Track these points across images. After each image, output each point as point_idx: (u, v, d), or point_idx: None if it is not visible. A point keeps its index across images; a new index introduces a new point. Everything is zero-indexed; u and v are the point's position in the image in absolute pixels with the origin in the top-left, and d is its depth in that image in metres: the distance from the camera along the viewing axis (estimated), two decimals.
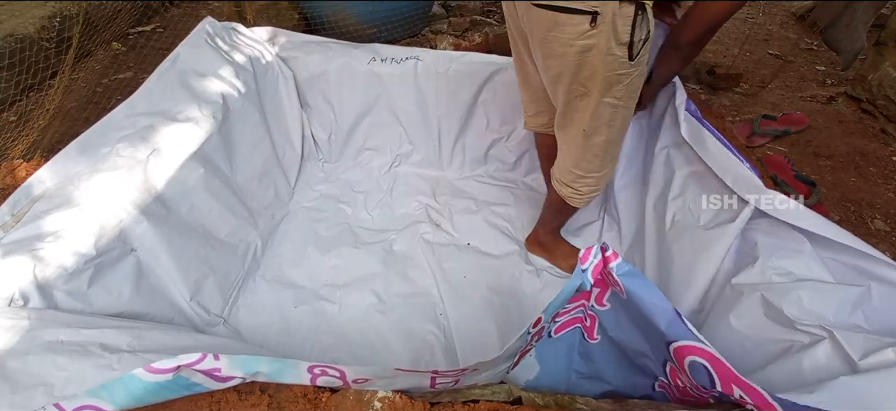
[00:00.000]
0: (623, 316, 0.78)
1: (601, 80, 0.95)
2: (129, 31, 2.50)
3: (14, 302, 0.87)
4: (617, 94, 0.98)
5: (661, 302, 0.66)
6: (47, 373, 0.74)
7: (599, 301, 0.79)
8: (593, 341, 0.87)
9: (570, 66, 0.95)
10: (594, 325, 0.85)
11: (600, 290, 0.76)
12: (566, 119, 1.08)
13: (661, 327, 0.66)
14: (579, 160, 1.12)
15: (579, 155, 1.11)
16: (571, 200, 1.22)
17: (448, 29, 2.59)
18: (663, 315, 0.65)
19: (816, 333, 0.79)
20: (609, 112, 1.01)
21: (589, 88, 0.97)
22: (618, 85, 0.96)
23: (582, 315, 0.84)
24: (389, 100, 1.73)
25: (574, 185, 1.18)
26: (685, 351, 0.66)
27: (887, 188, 1.67)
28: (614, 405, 0.81)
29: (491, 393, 0.80)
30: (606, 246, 0.69)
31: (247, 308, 1.33)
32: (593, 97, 0.98)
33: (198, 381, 0.66)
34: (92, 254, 1.00)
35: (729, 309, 0.95)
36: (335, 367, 0.68)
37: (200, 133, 1.31)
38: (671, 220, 1.19)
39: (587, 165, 1.13)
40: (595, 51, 0.91)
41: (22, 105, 1.92)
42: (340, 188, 1.76)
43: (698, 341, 0.64)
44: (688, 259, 1.09)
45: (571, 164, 1.15)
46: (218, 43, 1.53)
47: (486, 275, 1.44)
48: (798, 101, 2.12)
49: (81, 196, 1.04)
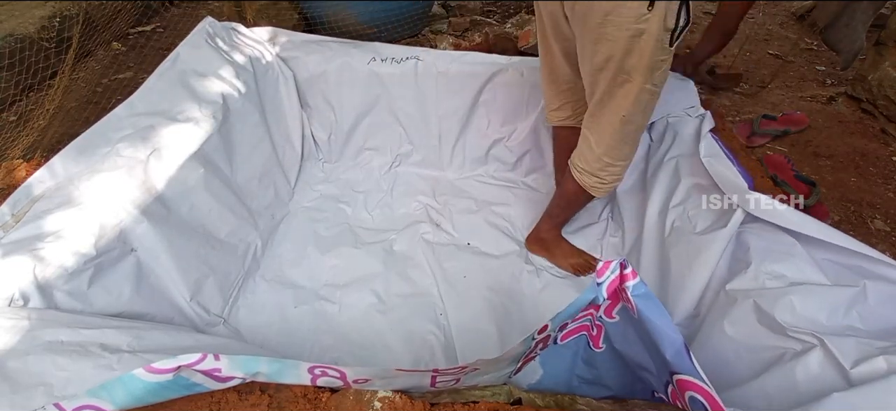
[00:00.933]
0: (631, 332, 0.77)
1: (646, 65, 0.98)
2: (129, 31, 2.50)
3: (14, 301, 0.87)
4: (656, 81, 1.02)
5: (670, 331, 0.65)
6: (47, 373, 0.74)
7: (609, 313, 0.78)
8: (598, 350, 0.86)
9: (620, 50, 0.98)
10: (600, 335, 0.84)
11: (611, 303, 0.75)
12: (602, 107, 1.10)
13: (666, 355, 0.65)
14: (612, 148, 1.15)
15: (612, 143, 1.14)
16: (594, 189, 1.23)
17: (448, 29, 2.59)
18: (671, 345, 0.65)
19: (808, 341, 0.80)
20: (646, 98, 1.05)
21: (632, 75, 1.01)
22: (658, 71, 1.01)
23: (589, 323, 0.83)
24: (389, 100, 1.73)
25: (600, 174, 1.20)
26: (687, 385, 0.66)
27: (887, 188, 1.67)
28: (615, 406, 0.81)
29: (491, 394, 0.80)
30: (626, 263, 0.68)
31: (247, 308, 1.33)
32: (636, 83, 1.01)
33: (198, 381, 0.66)
34: (92, 254, 0.99)
35: (723, 316, 0.96)
36: (335, 368, 0.68)
37: (200, 133, 1.31)
38: (670, 227, 1.20)
39: (618, 153, 1.15)
40: (646, 35, 0.95)
41: (22, 105, 1.92)
42: (340, 188, 1.76)
43: (701, 380, 0.63)
44: (683, 264, 1.10)
45: (603, 152, 1.16)
46: (218, 43, 1.53)
47: (487, 275, 1.44)
48: (798, 100, 2.13)
49: (82, 196, 1.04)
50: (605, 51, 1.00)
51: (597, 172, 1.20)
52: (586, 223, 1.58)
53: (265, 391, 0.76)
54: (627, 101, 1.05)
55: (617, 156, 1.16)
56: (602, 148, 1.16)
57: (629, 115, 1.07)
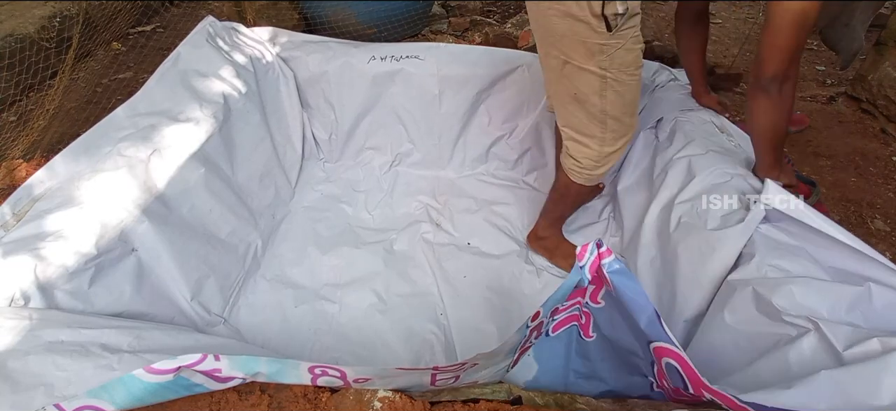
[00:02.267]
0: (616, 315, 0.78)
1: (581, 47, 1.02)
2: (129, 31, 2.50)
3: (15, 301, 0.87)
4: (601, 65, 1.02)
5: (642, 300, 0.67)
6: (48, 374, 0.74)
7: (594, 298, 0.79)
8: (589, 339, 0.87)
9: (552, 30, 1.04)
10: (589, 323, 0.85)
11: (596, 287, 0.77)
12: (555, 86, 1.15)
13: (641, 325, 0.67)
14: (570, 118, 1.15)
15: (574, 122, 1.15)
16: (572, 173, 1.23)
17: (448, 29, 2.60)
18: (642, 312, 0.67)
19: (802, 325, 0.79)
20: (597, 82, 1.05)
21: (570, 55, 1.04)
22: (600, 55, 1.01)
23: (578, 312, 0.84)
24: (390, 99, 1.73)
25: (576, 156, 1.19)
26: (662, 351, 0.68)
27: (887, 188, 1.67)
28: (614, 404, 0.81)
29: (491, 392, 0.80)
30: (601, 242, 0.70)
31: (247, 307, 1.33)
32: (576, 63, 1.05)
33: (198, 382, 0.66)
34: (93, 254, 1.00)
35: (723, 305, 0.95)
36: (335, 367, 0.69)
37: (201, 133, 1.31)
38: (677, 222, 1.18)
39: (578, 124, 1.15)
40: (570, 18, 0.99)
41: (22, 105, 1.93)
42: (341, 188, 1.76)
43: (671, 343, 0.65)
44: (695, 260, 1.08)
45: (563, 123, 1.18)
46: (219, 43, 1.53)
47: (486, 275, 1.44)
48: (798, 101, 2.13)
49: (83, 195, 1.04)
50: (540, 31, 1.09)
51: (572, 153, 1.20)
52: (586, 222, 1.58)
53: (265, 391, 0.76)
54: (573, 81, 1.08)
55: (579, 128, 1.15)
56: (562, 119, 1.18)
57: (581, 96, 1.09)
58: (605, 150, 1.16)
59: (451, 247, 1.53)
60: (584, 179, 1.23)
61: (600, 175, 1.23)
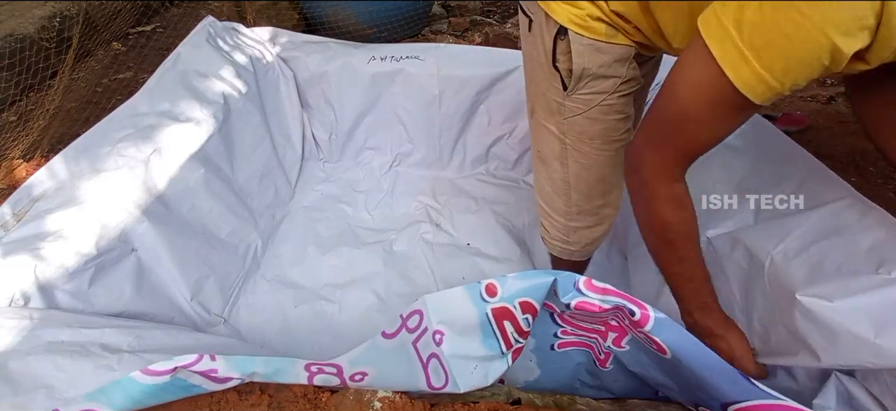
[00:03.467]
0: (643, 357, 0.73)
1: (542, 100, 0.84)
2: (129, 31, 2.50)
3: (15, 301, 0.87)
4: (559, 126, 0.84)
5: (718, 364, 0.60)
6: (48, 375, 0.74)
7: (618, 344, 0.74)
8: (605, 369, 0.84)
9: (525, 67, 0.89)
10: (608, 359, 0.80)
11: (618, 335, 0.71)
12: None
13: (724, 388, 0.61)
14: (537, 178, 0.98)
15: (536, 175, 0.98)
16: (545, 243, 1.05)
17: (448, 29, 2.60)
18: (722, 374, 0.60)
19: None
20: (557, 145, 0.87)
21: (534, 106, 0.89)
22: (558, 115, 0.83)
23: (595, 346, 0.79)
24: (389, 99, 1.73)
25: (542, 223, 1.02)
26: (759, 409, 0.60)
27: (887, 188, 1.67)
28: (614, 405, 0.81)
29: (491, 393, 0.80)
30: (633, 309, 0.59)
31: (247, 308, 1.33)
32: (538, 115, 0.88)
33: (196, 383, 0.66)
34: (93, 254, 1.00)
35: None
36: (331, 363, 0.69)
37: (201, 133, 1.31)
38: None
39: (541, 190, 0.97)
40: (532, 60, 0.83)
41: (22, 105, 1.93)
42: (341, 188, 1.76)
43: (771, 398, 0.58)
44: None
45: (538, 196, 1.00)
46: (219, 43, 1.53)
47: (486, 275, 1.43)
48: (798, 100, 2.12)
49: (83, 195, 1.04)
50: (524, 66, 0.91)
51: (541, 220, 1.02)
52: None
53: (265, 391, 0.76)
54: (537, 136, 0.91)
55: (541, 196, 0.97)
56: (536, 190, 1.00)
57: (543, 156, 0.91)
58: (572, 225, 0.96)
59: (451, 247, 1.53)
60: (558, 252, 1.03)
61: (581, 252, 1.00)
